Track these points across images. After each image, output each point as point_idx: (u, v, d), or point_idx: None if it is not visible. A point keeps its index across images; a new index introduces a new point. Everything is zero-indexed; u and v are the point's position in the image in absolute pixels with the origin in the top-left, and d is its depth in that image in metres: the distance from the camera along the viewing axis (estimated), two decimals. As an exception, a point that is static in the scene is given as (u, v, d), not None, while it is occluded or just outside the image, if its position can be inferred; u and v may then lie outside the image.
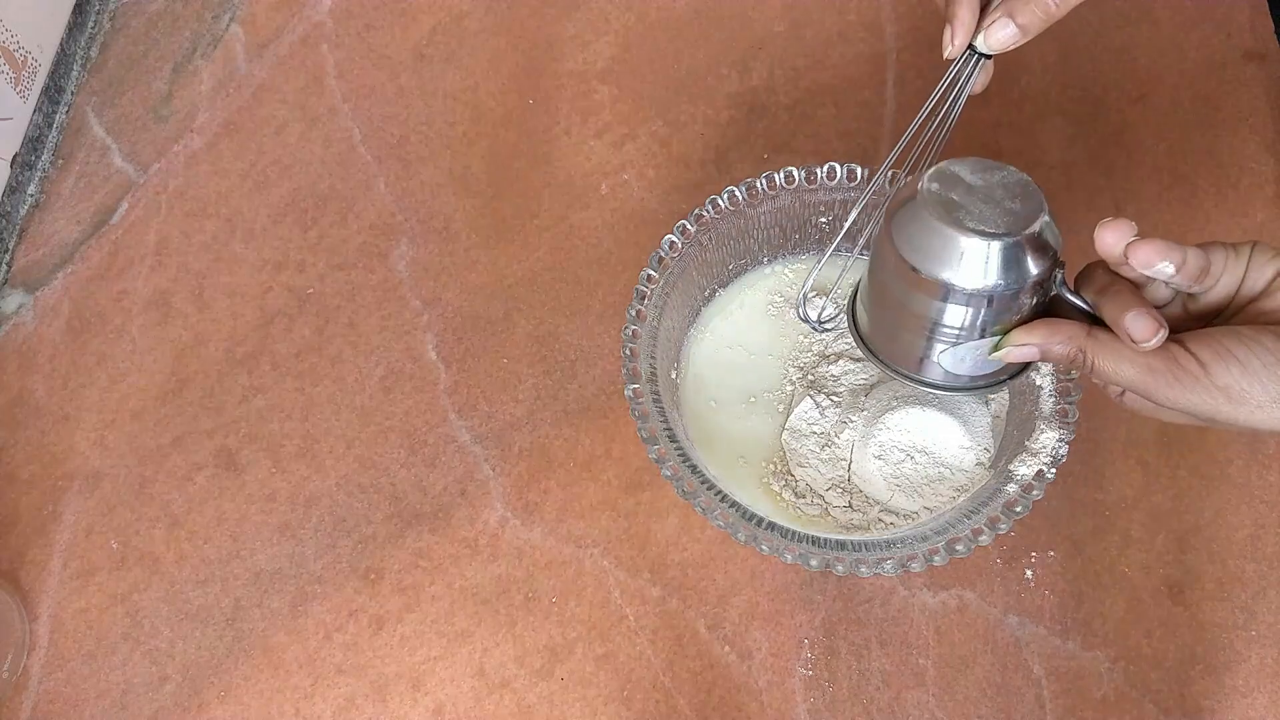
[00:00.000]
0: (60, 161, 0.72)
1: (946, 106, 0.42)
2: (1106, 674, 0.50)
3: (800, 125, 0.65)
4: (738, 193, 0.53)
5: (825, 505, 0.51)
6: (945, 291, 0.38)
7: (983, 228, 0.37)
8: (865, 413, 0.52)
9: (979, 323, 0.39)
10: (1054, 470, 0.46)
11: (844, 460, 0.52)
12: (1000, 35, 0.39)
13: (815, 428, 0.53)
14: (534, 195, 0.66)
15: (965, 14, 0.39)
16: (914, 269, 0.38)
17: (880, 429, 0.51)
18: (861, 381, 0.53)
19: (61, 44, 0.74)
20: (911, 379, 0.44)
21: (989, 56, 0.40)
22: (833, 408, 0.53)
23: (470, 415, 0.60)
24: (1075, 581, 0.52)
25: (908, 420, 0.50)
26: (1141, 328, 0.35)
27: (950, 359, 0.41)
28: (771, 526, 0.46)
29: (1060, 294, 0.39)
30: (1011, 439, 0.50)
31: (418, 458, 0.59)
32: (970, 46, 0.40)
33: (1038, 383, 0.49)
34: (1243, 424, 0.35)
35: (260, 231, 0.67)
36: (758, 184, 0.53)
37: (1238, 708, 0.49)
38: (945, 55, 0.40)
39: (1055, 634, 0.51)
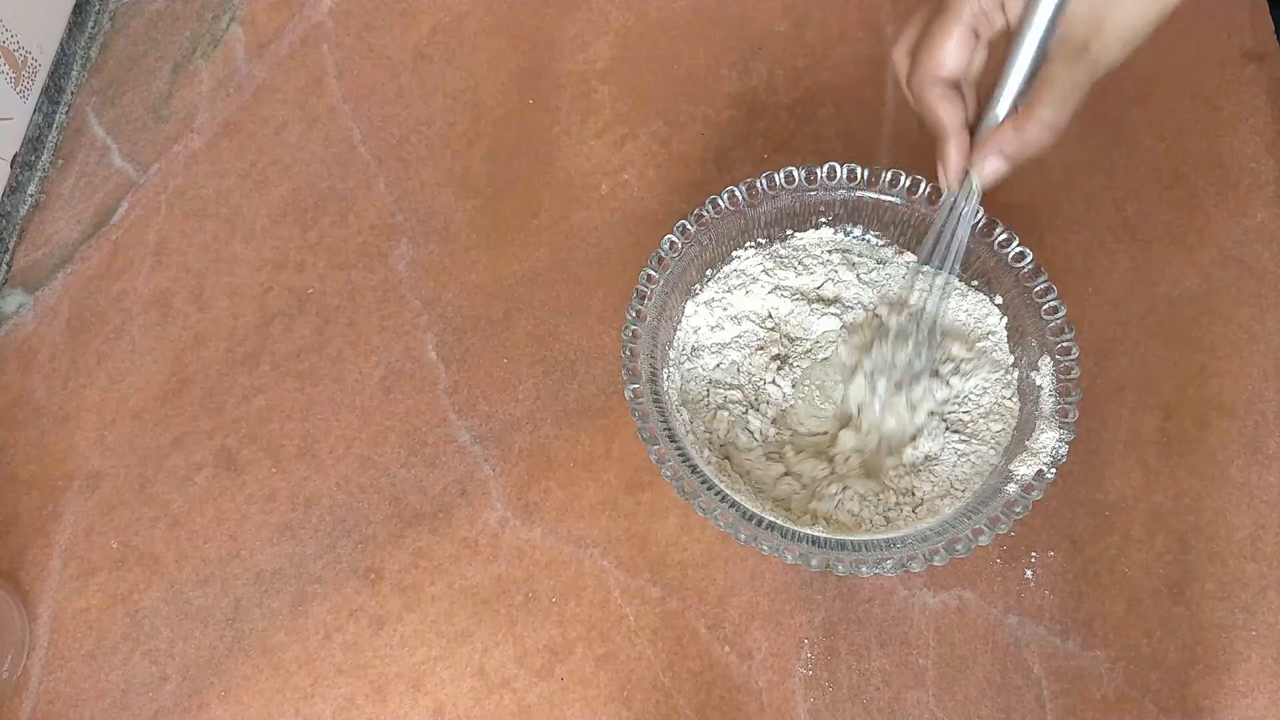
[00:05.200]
0: (60, 161, 0.72)
1: (953, 227, 0.46)
2: (1106, 674, 0.50)
3: (800, 125, 0.65)
4: (738, 193, 0.53)
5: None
6: None
7: None
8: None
9: None
10: (1054, 470, 0.46)
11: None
12: (989, 172, 0.42)
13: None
14: (534, 195, 0.65)
15: (953, 153, 0.42)
16: None
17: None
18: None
19: (61, 44, 0.74)
20: None
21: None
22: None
23: (470, 415, 0.60)
24: (1075, 581, 0.52)
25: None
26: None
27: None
28: (771, 526, 0.46)
29: None
30: (1011, 439, 0.50)
31: (418, 458, 0.59)
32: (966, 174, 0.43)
33: (1038, 383, 0.49)
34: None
35: (260, 231, 0.67)
36: (758, 184, 0.53)
37: (1238, 708, 0.49)
38: (944, 194, 0.45)
39: (1055, 634, 0.51)
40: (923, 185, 0.52)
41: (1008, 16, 0.40)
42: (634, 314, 0.51)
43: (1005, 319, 0.52)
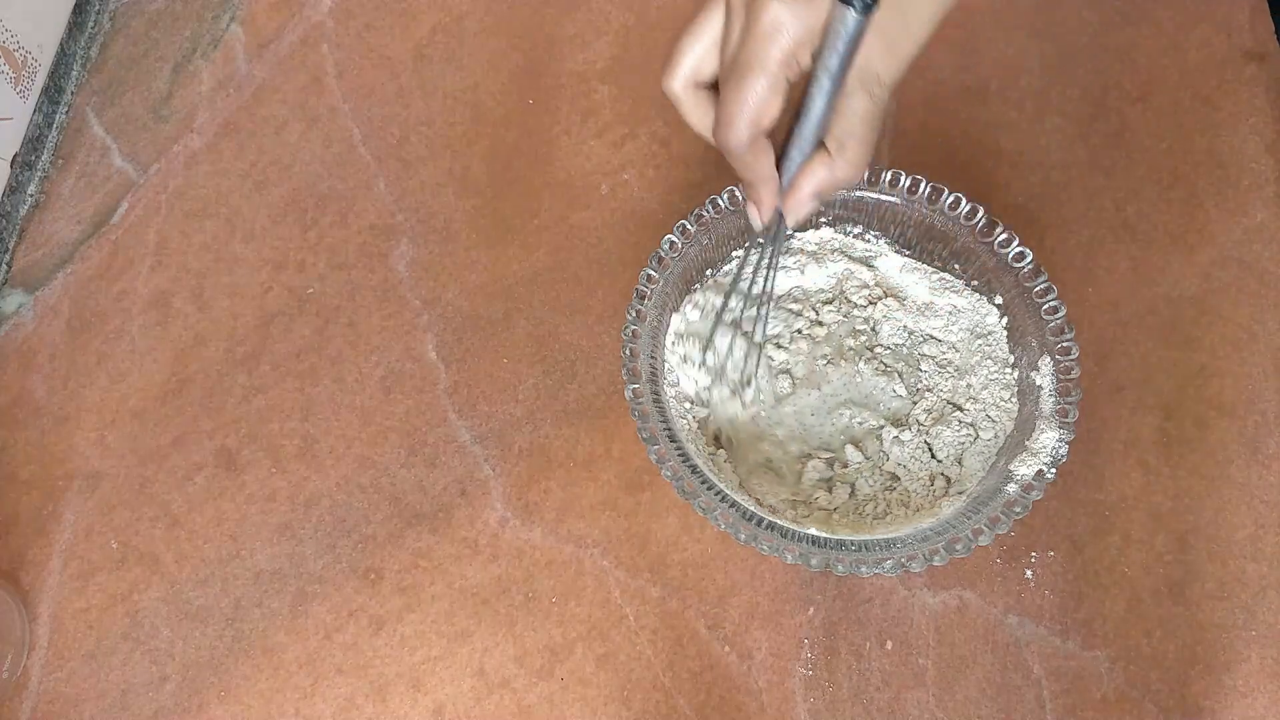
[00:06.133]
0: (60, 161, 0.72)
1: (768, 258, 0.48)
2: (1106, 674, 0.50)
3: (800, 125, 0.65)
4: (738, 192, 0.53)
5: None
6: None
7: None
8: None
9: None
10: (1054, 470, 0.46)
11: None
12: (804, 213, 0.42)
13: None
14: (534, 195, 0.65)
15: (768, 197, 0.42)
16: None
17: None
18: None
19: (61, 44, 0.74)
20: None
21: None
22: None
23: (470, 415, 0.60)
24: (1075, 581, 0.52)
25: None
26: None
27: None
28: (771, 526, 0.46)
29: None
30: (1011, 439, 0.50)
31: (418, 458, 0.59)
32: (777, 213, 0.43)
33: (1038, 383, 0.49)
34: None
35: (260, 231, 0.67)
36: (758, 184, 0.53)
37: (1238, 708, 0.49)
38: (756, 229, 0.44)
39: (1055, 634, 0.51)
40: (923, 185, 0.52)
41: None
42: (634, 314, 0.51)
43: (1005, 319, 0.52)
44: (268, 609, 0.56)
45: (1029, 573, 0.52)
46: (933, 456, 0.52)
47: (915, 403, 0.54)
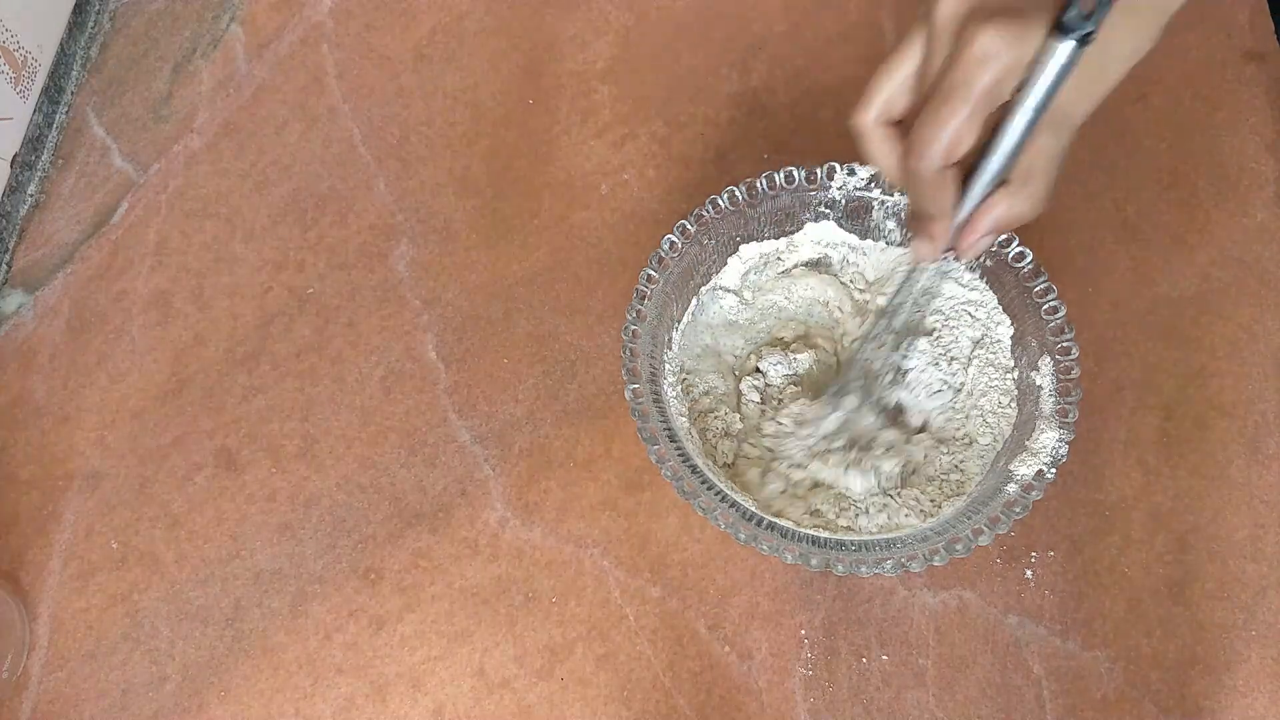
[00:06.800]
0: (60, 161, 0.72)
1: (926, 289, 0.47)
2: (1106, 674, 0.50)
3: (800, 125, 0.65)
4: (738, 192, 0.53)
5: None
6: None
7: None
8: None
9: None
10: (1054, 470, 0.46)
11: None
12: (980, 249, 0.41)
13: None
14: (534, 195, 0.66)
15: (943, 232, 0.40)
16: None
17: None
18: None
19: (61, 44, 0.74)
20: None
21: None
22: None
23: (470, 415, 0.60)
24: (1075, 581, 0.52)
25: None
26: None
27: None
28: (771, 526, 0.46)
29: None
30: (1011, 439, 0.50)
31: (418, 458, 0.59)
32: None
33: (1038, 382, 0.49)
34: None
35: (260, 231, 0.67)
36: (758, 184, 0.53)
37: (1238, 708, 0.49)
38: (917, 263, 0.42)
39: (1055, 634, 0.51)
40: (923, 185, 0.51)
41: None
42: (634, 314, 0.51)
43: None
44: (268, 609, 0.56)
45: (1029, 573, 0.52)
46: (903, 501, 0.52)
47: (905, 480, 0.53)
